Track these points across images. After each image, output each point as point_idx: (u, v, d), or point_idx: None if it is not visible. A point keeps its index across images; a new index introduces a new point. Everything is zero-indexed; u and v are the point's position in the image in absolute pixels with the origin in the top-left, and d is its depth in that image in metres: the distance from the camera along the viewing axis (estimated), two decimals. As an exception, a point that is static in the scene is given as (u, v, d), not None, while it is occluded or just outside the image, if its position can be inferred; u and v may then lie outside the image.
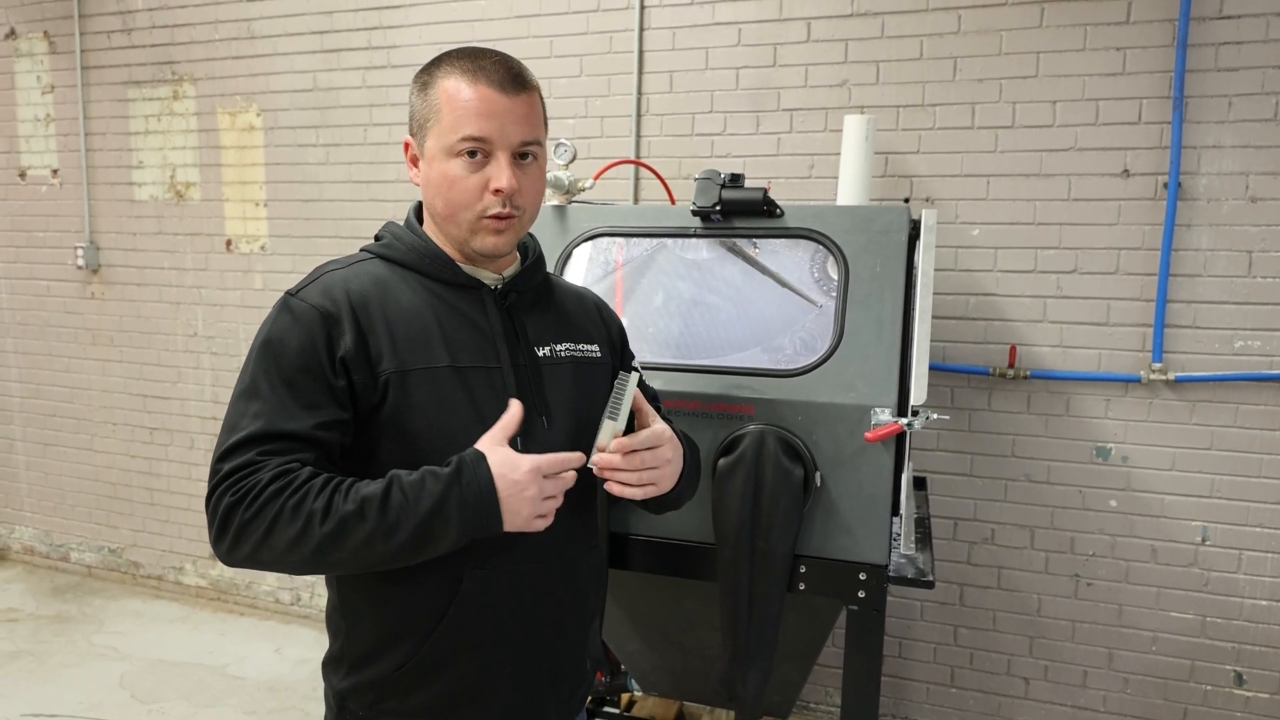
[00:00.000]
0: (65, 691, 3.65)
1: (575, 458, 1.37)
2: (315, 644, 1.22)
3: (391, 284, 1.43)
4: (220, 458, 1.31)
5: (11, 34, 4.54)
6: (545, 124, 1.49)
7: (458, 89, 1.39)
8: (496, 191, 1.39)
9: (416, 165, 1.47)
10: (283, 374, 1.33)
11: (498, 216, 1.40)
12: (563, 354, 1.54)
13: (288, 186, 4.09)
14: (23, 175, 4.64)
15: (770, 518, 1.94)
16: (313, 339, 1.34)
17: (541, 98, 1.48)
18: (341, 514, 1.25)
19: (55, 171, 4.56)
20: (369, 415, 1.37)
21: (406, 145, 1.49)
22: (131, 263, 4.45)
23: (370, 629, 1.44)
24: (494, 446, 1.32)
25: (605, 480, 1.45)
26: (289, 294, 1.40)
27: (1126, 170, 2.93)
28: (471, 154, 1.39)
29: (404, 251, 1.47)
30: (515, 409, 1.36)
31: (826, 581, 2.00)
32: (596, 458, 1.43)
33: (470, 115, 1.38)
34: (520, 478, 1.30)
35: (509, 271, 1.53)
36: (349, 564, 1.30)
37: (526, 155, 1.43)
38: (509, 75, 1.41)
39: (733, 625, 2.01)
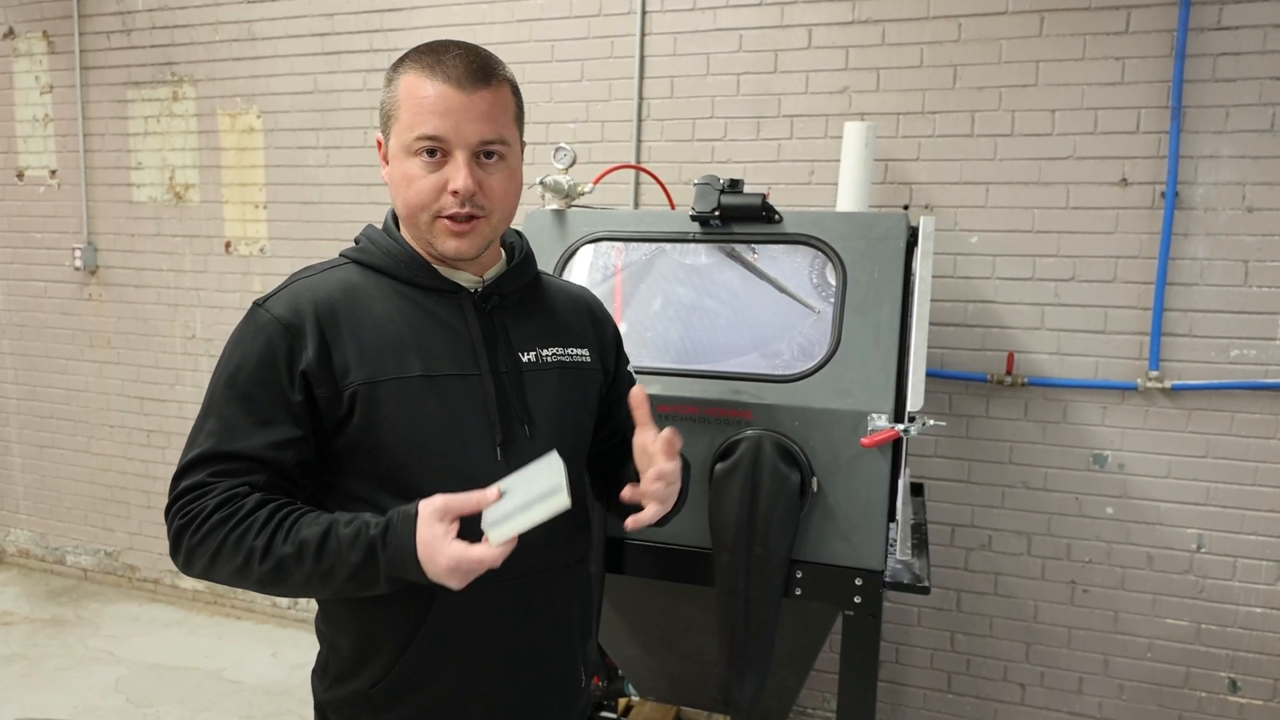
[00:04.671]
0: (60, 695, 3.64)
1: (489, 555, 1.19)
2: (312, 648, 1.22)
3: (364, 290, 1.39)
4: (177, 473, 1.31)
5: (10, 33, 4.54)
6: (518, 118, 1.41)
7: (415, 85, 1.32)
8: (454, 193, 1.32)
9: (389, 163, 1.39)
10: (239, 387, 1.31)
11: (454, 218, 1.34)
12: (549, 359, 1.48)
13: (288, 189, 4.09)
14: (20, 176, 4.63)
15: (767, 523, 1.94)
16: (273, 351, 1.31)
17: (514, 90, 1.39)
18: (280, 555, 1.24)
19: (53, 172, 4.55)
20: (337, 429, 1.33)
21: (379, 143, 1.42)
22: (130, 264, 4.45)
23: (349, 642, 1.42)
24: (431, 519, 1.20)
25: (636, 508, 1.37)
26: (256, 303, 1.36)
27: (1124, 179, 2.94)
28: (430, 153, 1.31)
29: (378, 256, 1.42)
30: (490, 494, 1.22)
31: (823, 587, 2.00)
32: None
33: (424, 114, 1.30)
34: (441, 561, 1.19)
35: (491, 273, 1.47)
36: (296, 595, 1.33)
37: (491, 154, 1.35)
38: (469, 70, 1.32)
39: (729, 630, 2.02)
